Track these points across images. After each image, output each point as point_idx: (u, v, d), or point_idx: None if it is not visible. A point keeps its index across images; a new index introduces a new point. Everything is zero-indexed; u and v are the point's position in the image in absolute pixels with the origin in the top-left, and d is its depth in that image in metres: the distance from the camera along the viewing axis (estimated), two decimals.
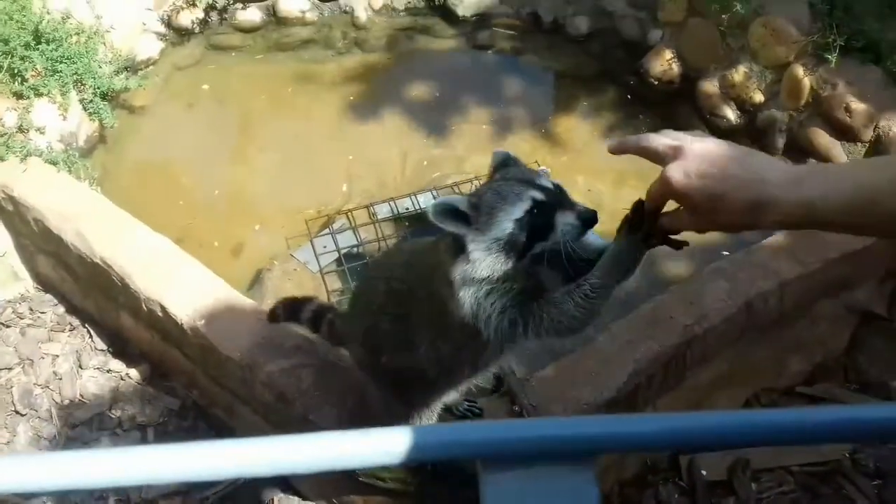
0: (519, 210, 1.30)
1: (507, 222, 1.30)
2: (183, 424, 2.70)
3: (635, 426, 0.71)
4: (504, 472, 0.66)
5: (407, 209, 3.20)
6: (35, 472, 0.66)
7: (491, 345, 1.45)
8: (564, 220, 1.30)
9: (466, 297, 1.37)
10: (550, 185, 1.33)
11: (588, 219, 1.31)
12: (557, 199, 1.32)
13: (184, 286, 2.51)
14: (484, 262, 1.33)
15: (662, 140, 1.05)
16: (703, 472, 2.58)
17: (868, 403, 2.73)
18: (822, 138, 3.27)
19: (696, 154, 1.00)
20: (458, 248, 1.35)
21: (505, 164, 1.41)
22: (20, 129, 3.04)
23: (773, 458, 2.62)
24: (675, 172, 1.00)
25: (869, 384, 2.86)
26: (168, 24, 4.06)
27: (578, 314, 1.34)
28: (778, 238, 2.65)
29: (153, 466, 0.64)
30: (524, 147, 3.57)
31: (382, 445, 0.66)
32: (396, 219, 3.17)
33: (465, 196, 1.31)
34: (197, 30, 4.11)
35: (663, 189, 1.04)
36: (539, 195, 1.31)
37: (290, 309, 2.19)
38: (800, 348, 2.85)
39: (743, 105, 3.58)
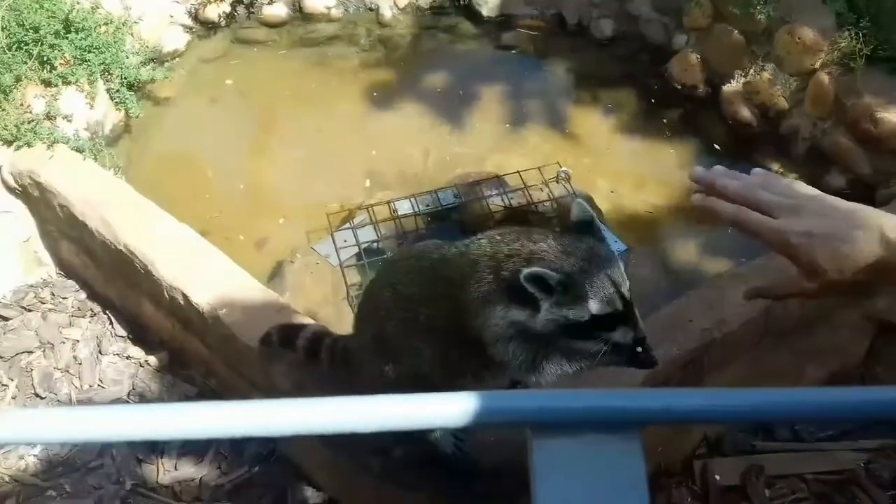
0: (601, 310, 1.38)
1: (586, 314, 1.38)
2: None
3: (680, 399, 0.73)
4: (552, 439, 0.68)
5: (427, 205, 3.21)
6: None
7: (504, 367, 1.55)
8: (625, 337, 1.42)
9: (506, 336, 1.47)
10: (627, 295, 1.41)
11: (640, 339, 1.43)
12: (629, 312, 1.41)
13: (206, 275, 2.54)
14: (544, 323, 1.40)
15: (787, 229, 0.97)
16: (717, 477, 2.57)
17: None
18: (846, 147, 3.26)
19: (813, 212, 0.97)
20: (519, 295, 1.39)
21: (587, 224, 1.45)
22: (48, 117, 3.09)
23: (788, 465, 2.62)
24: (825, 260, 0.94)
25: None
26: (195, 17, 4.10)
27: (571, 374, 1.53)
28: None
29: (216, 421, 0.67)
30: (546, 148, 3.58)
31: (440, 409, 0.68)
32: (416, 215, 3.19)
33: (555, 272, 1.35)
34: (223, 23, 4.14)
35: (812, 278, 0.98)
36: (620, 305, 1.39)
37: (285, 334, 2.16)
38: (817, 356, 2.84)
39: (766, 112, 3.57)
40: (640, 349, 1.45)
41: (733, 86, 3.67)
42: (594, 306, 1.38)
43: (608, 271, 1.40)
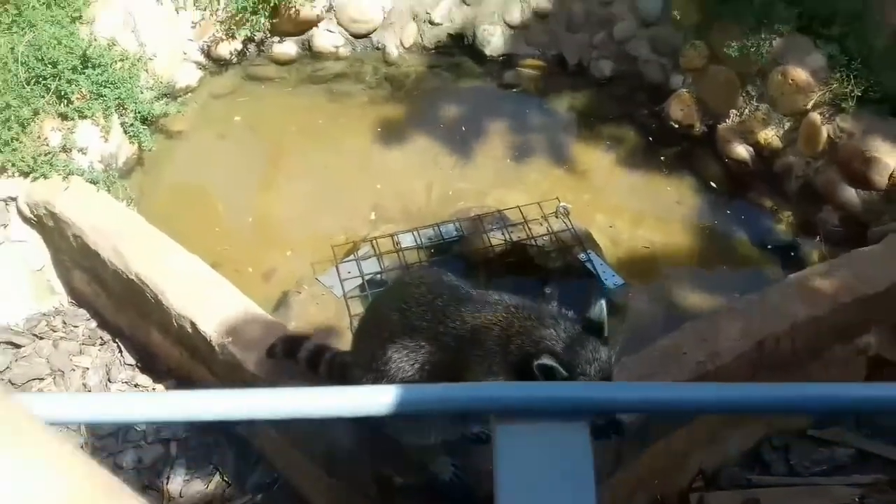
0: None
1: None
2: (205, 439, 2.78)
3: (618, 393, 0.83)
4: (513, 425, 0.79)
5: (430, 239, 3.30)
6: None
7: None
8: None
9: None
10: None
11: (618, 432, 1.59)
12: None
13: (214, 304, 2.61)
14: None
15: None
16: None
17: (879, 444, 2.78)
18: (838, 185, 3.34)
19: None
20: (521, 372, 1.49)
21: (597, 327, 1.56)
22: (63, 149, 3.18)
23: (783, 500, 2.65)
24: None
25: (879, 430, 2.89)
26: (207, 54, 4.23)
27: None
28: (791, 281, 2.72)
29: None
30: (546, 183, 3.68)
31: (414, 396, 0.78)
32: (419, 248, 3.27)
33: (562, 366, 1.44)
34: (234, 60, 4.27)
35: None
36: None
37: (289, 345, 2.26)
38: None
39: (760, 150, 3.67)
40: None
41: (728, 125, 3.77)
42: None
43: (603, 375, 1.50)
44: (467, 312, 1.64)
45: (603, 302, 1.59)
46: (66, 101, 3.27)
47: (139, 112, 3.54)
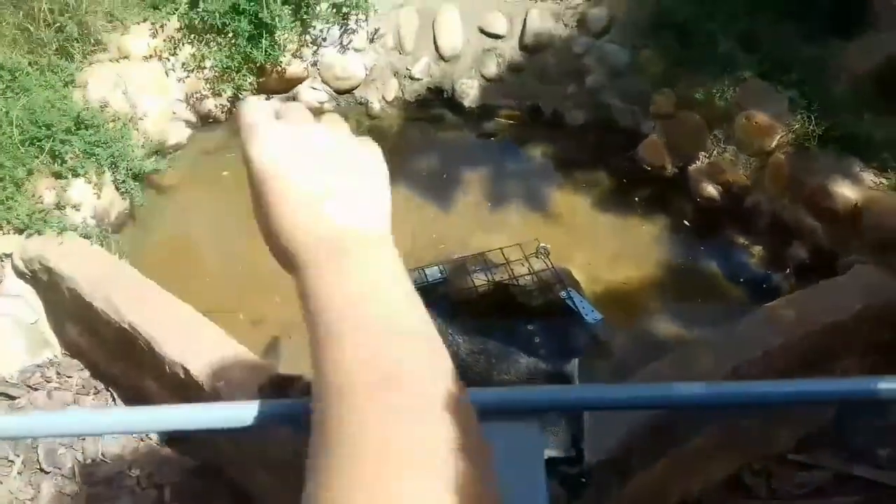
0: None
1: None
2: (199, 484, 2.82)
3: (566, 394, 0.93)
4: None
5: (415, 282, 3.39)
6: None
7: None
8: None
9: None
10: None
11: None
12: None
13: (205, 350, 2.68)
14: None
15: None
16: None
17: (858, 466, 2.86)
18: (805, 221, 3.49)
19: None
20: None
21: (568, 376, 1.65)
22: (57, 206, 3.28)
23: None
24: None
25: (857, 452, 2.97)
26: (197, 111, 4.38)
27: None
28: (762, 311, 2.84)
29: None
30: (525, 227, 3.80)
31: None
32: None
33: None
34: (222, 117, 4.42)
35: None
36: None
37: (279, 386, 2.33)
38: (788, 417, 2.98)
39: (730, 189, 3.82)
40: None
41: (698, 166, 3.94)
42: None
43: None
44: None
45: (576, 361, 1.66)
46: (60, 160, 3.37)
47: (131, 169, 3.65)
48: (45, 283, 3.14)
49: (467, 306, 3.31)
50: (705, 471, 2.84)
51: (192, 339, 2.73)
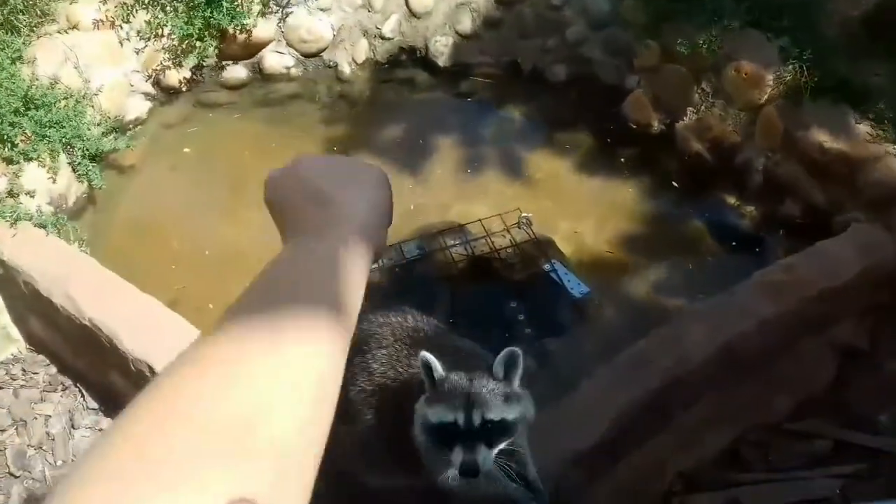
0: (439, 419, 1.46)
1: (434, 418, 1.47)
2: None
3: None
4: None
5: (391, 259, 3.24)
6: None
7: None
8: (455, 457, 1.45)
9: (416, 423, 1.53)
10: (479, 422, 1.44)
11: (463, 473, 1.44)
12: (470, 436, 1.44)
13: (170, 346, 2.54)
14: (418, 417, 1.51)
15: None
16: None
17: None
18: (799, 177, 3.33)
19: None
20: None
21: (511, 360, 1.49)
22: (10, 194, 3.09)
23: (765, 497, 2.62)
24: None
25: (856, 419, 2.88)
26: (157, 83, 4.14)
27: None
28: (755, 278, 2.70)
29: None
30: (507, 193, 3.64)
31: None
32: (381, 269, 3.21)
33: (444, 370, 1.44)
34: (184, 88, 4.19)
35: None
36: (459, 423, 1.44)
37: None
38: (785, 386, 2.87)
39: (720, 146, 3.66)
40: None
41: (686, 122, 3.76)
42: (440, 416, 1.45)
43: (474, 396, 1.45)
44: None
45: (517, 351, 1.50)
46: (9, 144, 3.18)
47: (87, 150, 3.45)
48: (2, 276, 2.97)
49: (447, 283, 3.16)
50: (700, 445, 2.74)
51: (156, 333, 2.59)
